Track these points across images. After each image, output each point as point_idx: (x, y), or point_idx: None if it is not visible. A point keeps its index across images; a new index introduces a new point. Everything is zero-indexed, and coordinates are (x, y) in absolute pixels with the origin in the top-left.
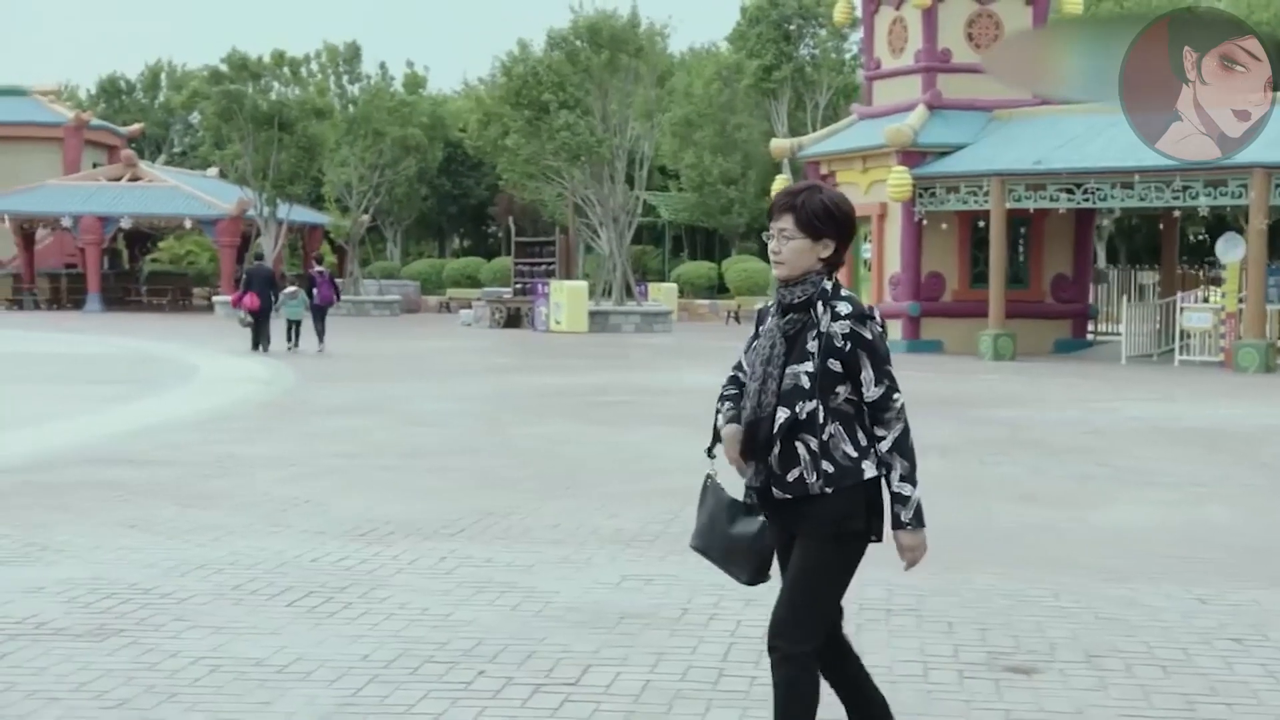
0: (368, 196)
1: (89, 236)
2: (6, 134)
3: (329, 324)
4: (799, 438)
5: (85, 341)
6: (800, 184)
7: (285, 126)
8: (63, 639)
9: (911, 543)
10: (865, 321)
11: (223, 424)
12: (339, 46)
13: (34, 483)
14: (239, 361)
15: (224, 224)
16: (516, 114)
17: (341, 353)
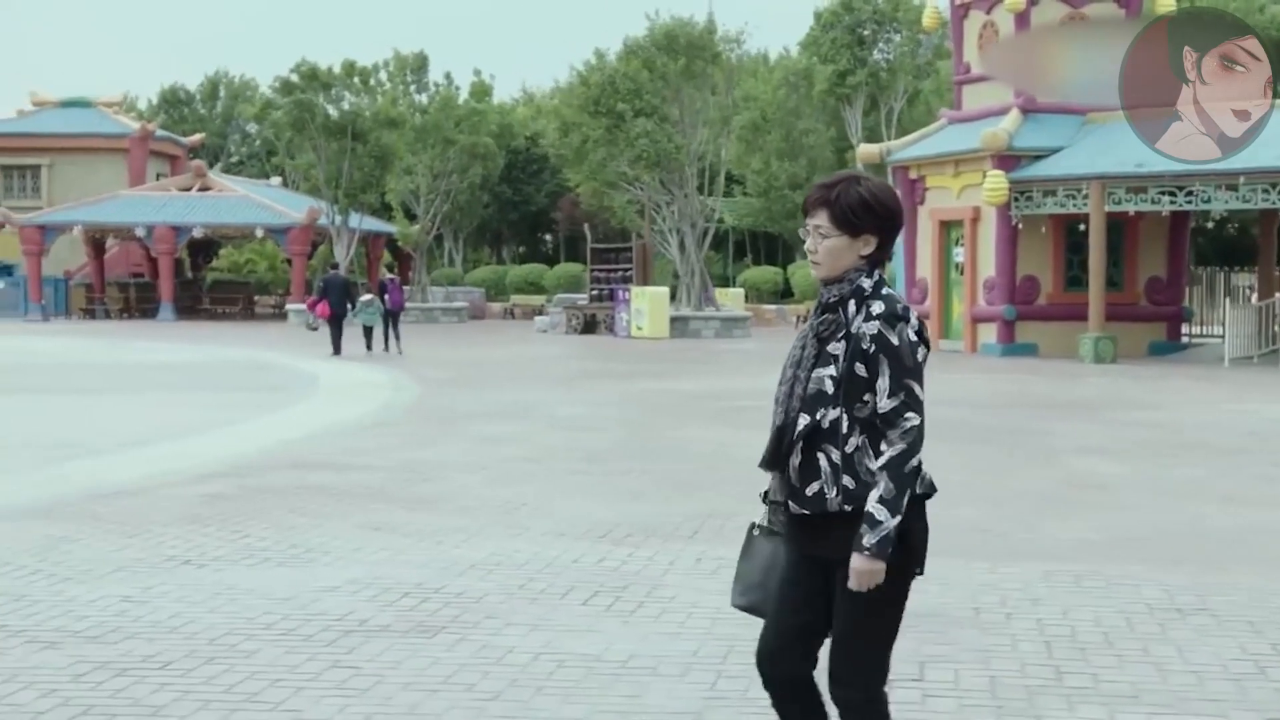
0: (435, 204)
1: (162, 246)
2: (74, 145)
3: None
4: (820, 448)
5: (185, 350)
6: (836, 175)
7: (358, 136)
8: (391, 635)
9: (863, 568)
10: (895, 324)
11: (384, 430)
12: (407, 56)
13: (249, 487)
14: (349, 368)
15: (295, 233)
16: (595, 122)
17: (434, 359)
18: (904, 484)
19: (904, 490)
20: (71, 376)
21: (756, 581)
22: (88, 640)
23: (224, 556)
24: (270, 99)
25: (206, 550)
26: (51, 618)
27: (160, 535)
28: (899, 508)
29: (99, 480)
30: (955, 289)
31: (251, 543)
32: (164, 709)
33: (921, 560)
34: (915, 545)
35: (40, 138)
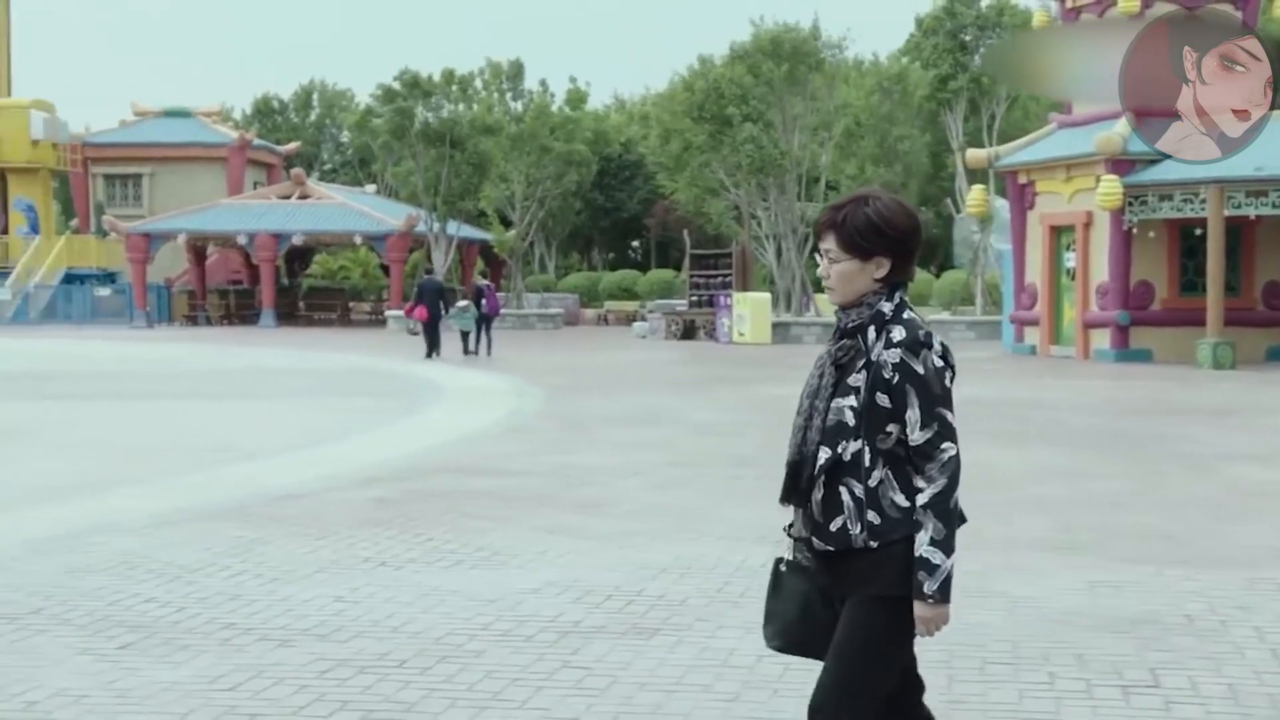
0: (530, 211)
1: (263, 253)
2: (174, 155)
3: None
4: (843, 482)
5: (297, 356)
6: (847, 196)
7: (456, 144)
8: (609, 637)
9: (929, 615)
10: (918, 352)
11: (523, 435)
12: (502, 63)
13: (413, 491)
14: (468, 374)
15: (393, 240)
16: (697, 128)
17: (543, 365)
18: (952, 520)
19: (953, 527)
20: (199, 382)
21: (794, 620)
22: (318, 639)
23: (416, 559)
24: (370, 107)
25: (397, 553)
26: (273, 616)
27: (347, 538)
28: (951, 546)
29: (263, 484)
30: (1066, 294)
31: (437, 545)
32: (415, 705)
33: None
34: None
35: (142, 147)
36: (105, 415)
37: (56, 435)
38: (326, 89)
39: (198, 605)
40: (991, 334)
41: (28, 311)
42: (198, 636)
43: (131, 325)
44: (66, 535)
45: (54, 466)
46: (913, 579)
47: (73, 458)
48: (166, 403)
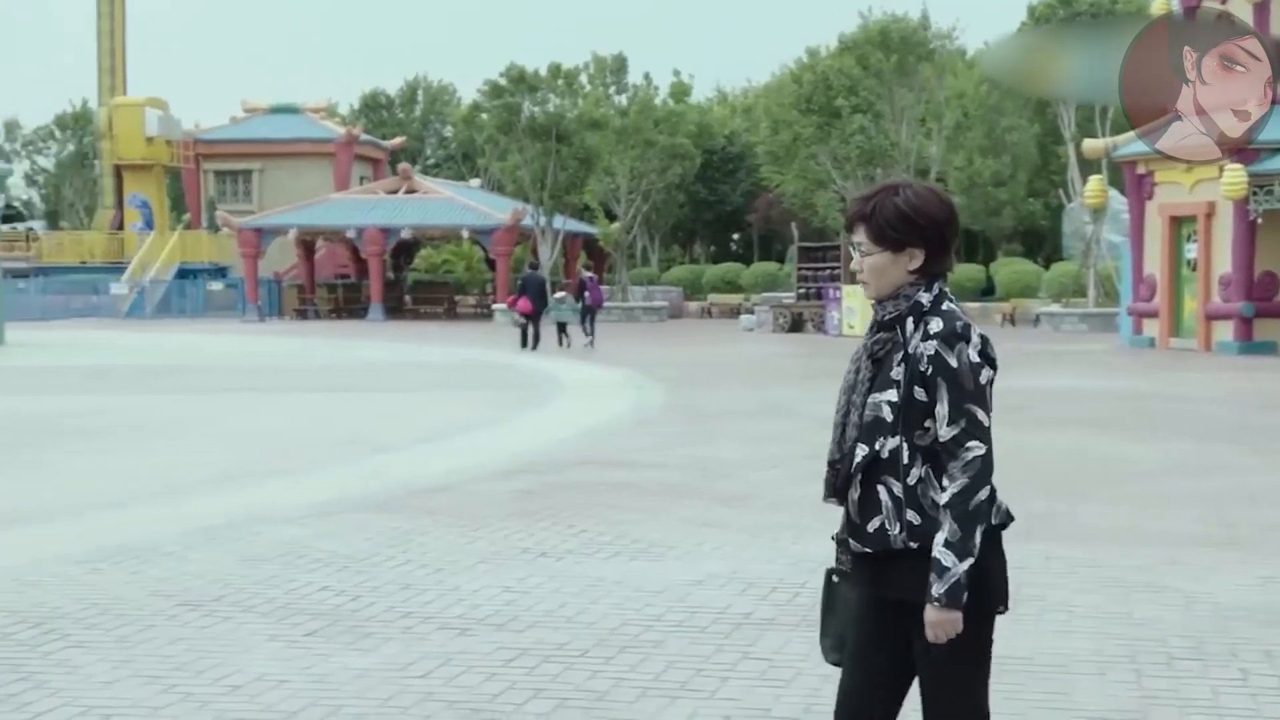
0: (635, 204)
1: (372, 248)
2: (283, 150)
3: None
4: (881, 480)
5: (411, 350)
6: (876, 187)
7: (562, 138)
8: (782, 629)
9: (936, 619)
10: (954, 344)
11: (650, 428)
12: (606, 58)
13: (554, 483)
14: (584, 367)
15: (499, 234)
16: (806, 120)
17: (655, 359)
18: (971, 523)
19: (972, 530)
20: (323, 376)
21: (845, 633)
22: (495, 628)
23: (574, 550)
24: (478, 102)
25: (554, 544)
26: (447, 606)
27: (500, 529)
28: (968, 550)
29: (406, 476)
30: (1187, 286)
31: (591, 537)
32: (606, 695)
33: (1004, 596)
34: (994, 584)
35: (252, 143)
36: (240, 408)
37: (199, 428)
38: (431, 85)
39: (372, 594)
40: (1104, 326)
41: (143, 306)
42: (379, 625)
43: (243, 319)
44: (230, 525)
45: (203, 458)
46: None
47: (219, 450)
48: (297, 396)
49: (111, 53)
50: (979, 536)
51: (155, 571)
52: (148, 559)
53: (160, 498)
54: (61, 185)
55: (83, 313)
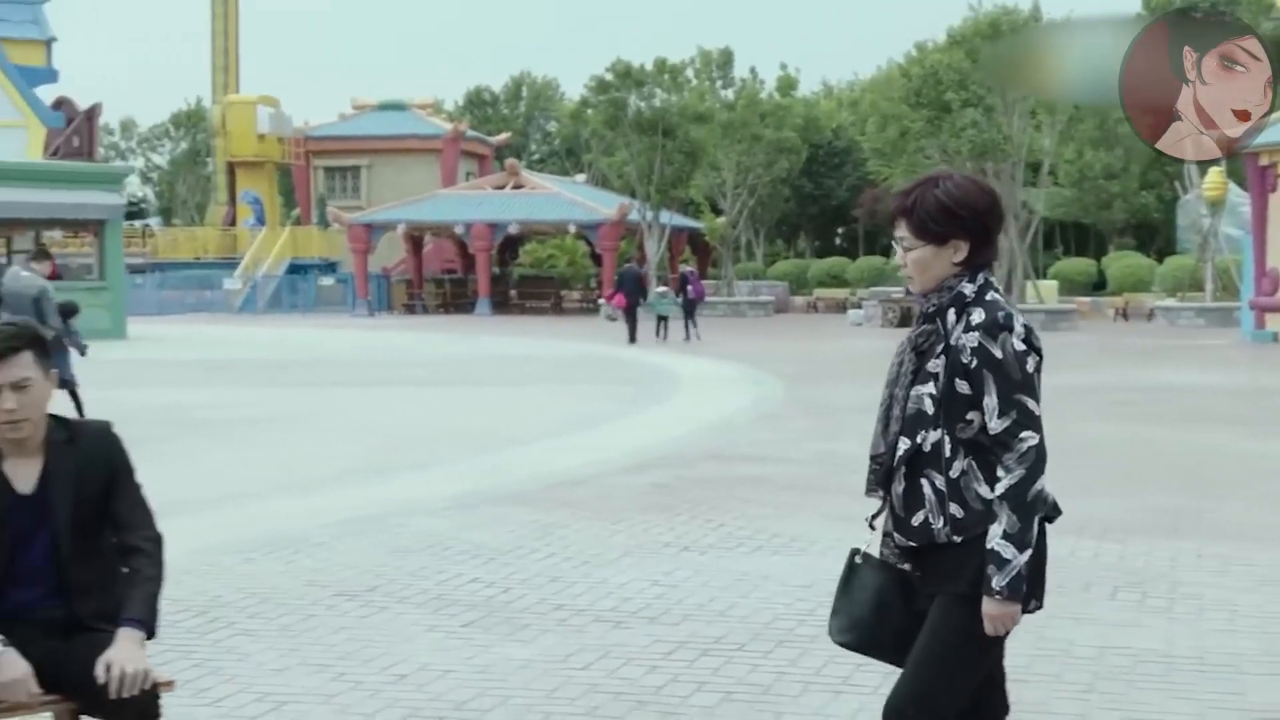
0: (741, 199)
1: (479, 243)
2: (391, 147)
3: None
4: (924, 474)
5: (524, 344)
6: (916, 180)
7: (668, 133)
8: None
9: (996, 613)
10: (996, 334)
11: (774, 422)
12: (712, 52)
13: (687, 477)
14: (699, 361)
15: (605, 229)
16: (915, 114)
17: (765, 353)
18: (1029, 513)
19: (1030, 520)
20: (441, 369)
21: (865, 616)
22: (648, 621)
23: (715, 544)
24: (585, 98)
25: (695, 538)
26: (598, 599)
27: (640, 522)
28: (1027, 541)
29: (539, 469)
30: None
31: (731, 531)
32: (770, 688)
33: (1039, 593)
34: (1030, 577)
35: (360, 140)
36: (365, 402)
37: (328, 421)
38: (535, 81)
39: (522, 586)
40: (1223, 321)
41: (255, 301)
42: (534, 616)
43: (353, 314)
44: (373, 516)
45: (336, 450)
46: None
47: (350, 442)
48: (418, 390)
49: (225, 52)
50: (1035, 527)
51: (308, 562)
52: (299, 549)
53: (301, 489)
54: (175, 182)
55: (196, 308)
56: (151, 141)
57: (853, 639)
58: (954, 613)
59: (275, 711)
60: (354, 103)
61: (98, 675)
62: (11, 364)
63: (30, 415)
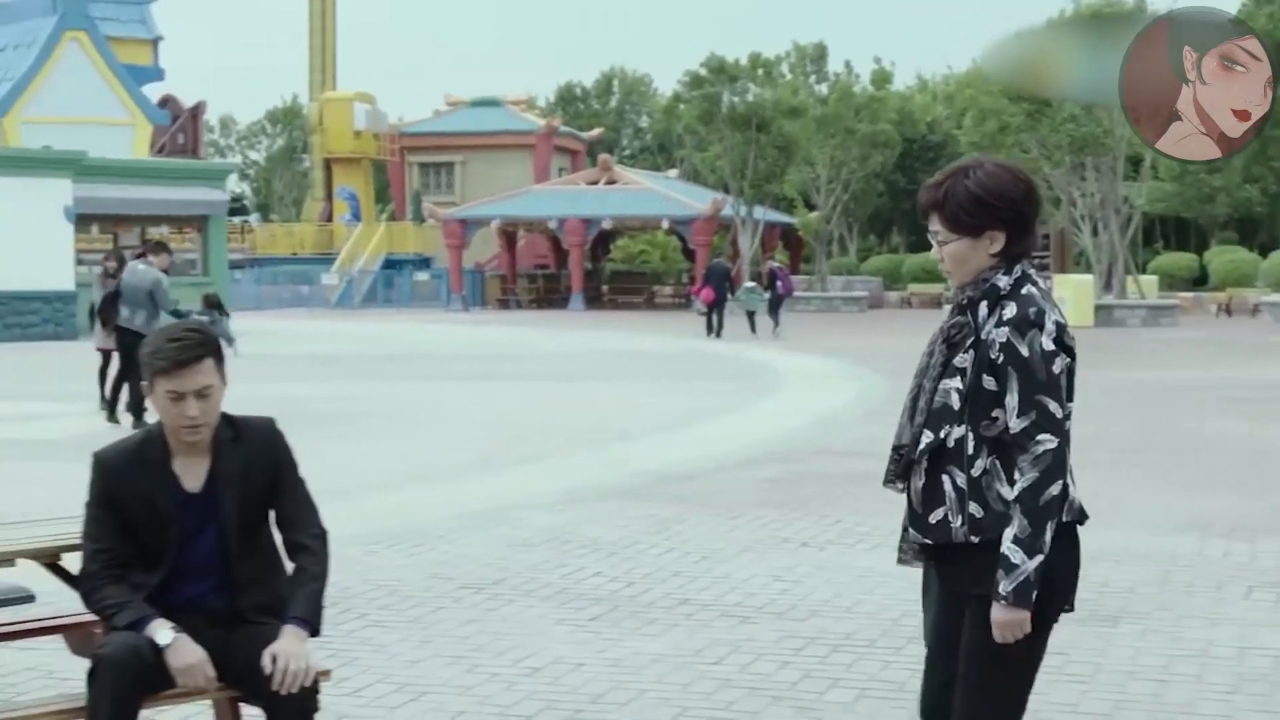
0: (835, 194)
1: (573, 238)
2: (484, 143)
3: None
4: (945, 470)
5: (621, 339)
6: (946, 170)
7: (762, 128)
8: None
9: (1002, 619)
10: (1025, 331)
11: (885, 419)
12: (806, 46)
13: (799, 473)
14: (798, 357)
15: (699, 224)
16: (1014, 108)
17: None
18: (1041, 519)
19: (1042, 526)
20: (544, 364)
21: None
22: (775, 616)
23: (835, 540)
24: (679, 93)
25: (814, 534)
26: (723, 594)
27: (756, 518)
28: (1037, 547)
29: (650, 463)
30: None
31: (849, 527)
32: (905, 685)
33: (1069, 597)
34: (1057, 583)
35: (454, 136)
36: (470, 395)
37: (437, 414)
38: (627, 75)
39: (644, 581)
40: None
41: (351, 296)
42: (660, 611)
43: (448, 309)
44: (490, 510)
45: (448, 444)
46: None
47: (461, 435)
48: (522, 384)
49: (323, 49)
50: (1049, 533)
51: (430, 555)
52: (420, 542)
53: (417, 482)
54: (272, 179)
55: (293, 302)
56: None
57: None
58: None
59: (415, 702)
60: (448, 99)
61: (264, 666)
62: (196, 371)
63: (209, 420)
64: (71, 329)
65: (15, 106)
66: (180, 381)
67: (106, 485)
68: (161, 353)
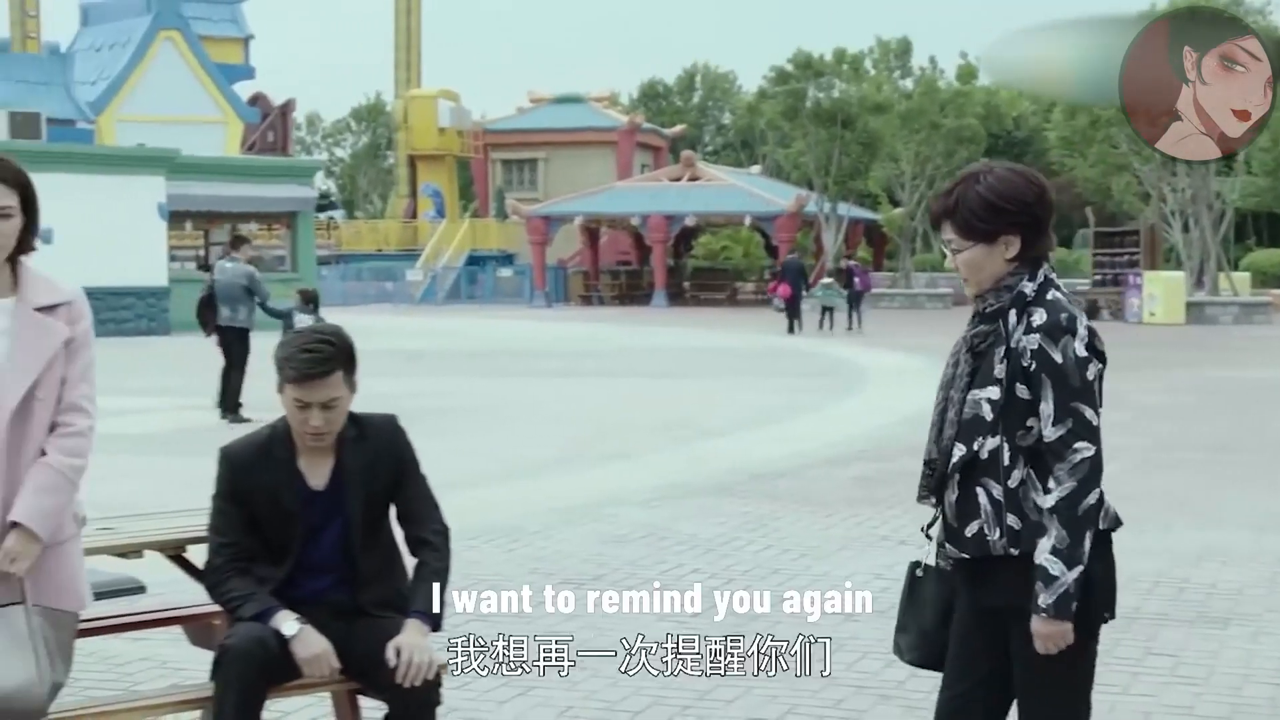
0: (920, 190)
1: (656, 235)
2: (567, 139)
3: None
4: (979, 482)
5: (705, 335)
6: (956, 178)
7: (846, 123)
8: (1177, 624)
9: (1044, 631)
10: (1058, 338)
11: None
12: (890, 41)
13: (891, 470)
14: (883, 353)
15: (782, 220)
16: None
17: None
18: (1079, 528)
19: (1081, 536)
20: (623, 360)
21: (931, 630)
22: (879, 615)
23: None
24: (763, 88)
25: (910, 532)
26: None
27: (851, 515)
28: (1077, 557)
29: (740, 460)
30: None
31: None
32: None
33: (1110, 604)
34: (1100, 594)
35: (537, 133)
36: (557, 392)
37: (525, 410)
38: (709, 72)
39: (744, 578)
40: None
41: (435, 292)
42: None
43: (530, 305)
44: (583, 505)
45: (538, 439)
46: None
47: (550, 431)
48: (607, 380)
49: (408, 47)
50: (1088, 543)
51: (527, 550)
52: (516, 538)
53: (510, 478)
54: (356, 175)
55: (378, 298)
56: (334, 136)
57: (919, 656)
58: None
59: (522, 696)
60: (531, 96)
61: (388, 659)
62: (324, 384)
63: (333, 429)
64: (164, 324)
65: (111, 105)
66: (308, 392)
67: (233, 480)
68: (293, 361)
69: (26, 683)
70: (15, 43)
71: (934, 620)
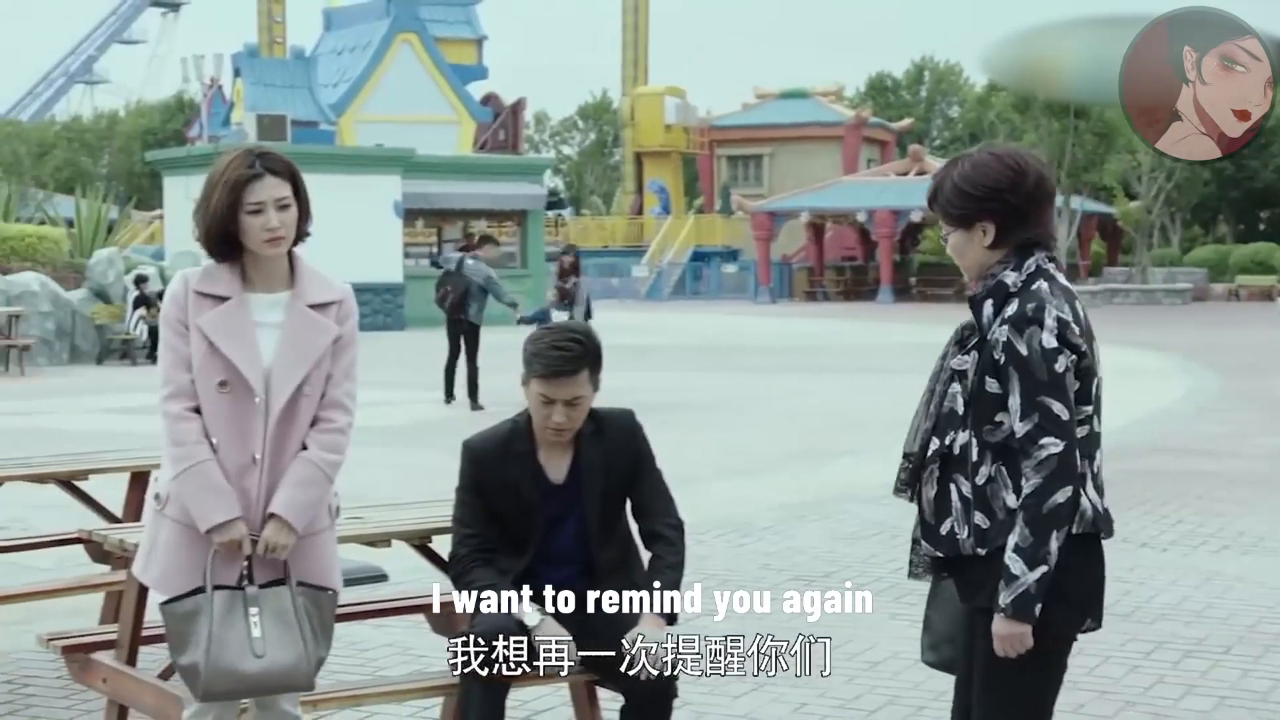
0: (1157, 182)
1: (882, 230)
2: (793, 135)
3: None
4: (952, 479)
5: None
6: (945, 163)
7: (1080, 114)
8: None
9: (1003, 632)
10: (1023, 328)
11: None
12: None
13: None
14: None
15: None
16: None
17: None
18: (1044, 527)
19: (1045, 535)
20: (852, 356)
21: (944, 633)
22: (1120, 619)
23: (1176, 541)
24: (993, 81)
25: (1152, 534)
26: None
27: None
28: (1040, 557)
29: None
30: None
31: (1191, 528)
32: (1268, 695)
33: (1093, 612)
34: (1072, 595)
35: (763, 129)
36: (787, 387)
37: (757, 405)
38: (938, 65)
39: None
40: None
41: (661, 288)
42: None
43: (755, 301)
44: (815, 502)
45: (767, 435)
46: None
47: (779, 427)
48: (836, 376)
49: (635, 45)
50: (1055, 543)
51: (758, 545)
52: (747, 533)
53: (742, 473)
54: (583, 173)
55: (604, 294)
56: (561, 134)
57: (936, 657)
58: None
59: (755, 693)
60: (757, 91)
61: (624, 651)
62: (570, 383)
63: (575, 425)
64: (399, 320)
65: (351, 107)
66: (554, 389)
67: (476, 473)
68: (542, 357)
69: (297, 659)
70: (263, 48)
71: (951, 624)
